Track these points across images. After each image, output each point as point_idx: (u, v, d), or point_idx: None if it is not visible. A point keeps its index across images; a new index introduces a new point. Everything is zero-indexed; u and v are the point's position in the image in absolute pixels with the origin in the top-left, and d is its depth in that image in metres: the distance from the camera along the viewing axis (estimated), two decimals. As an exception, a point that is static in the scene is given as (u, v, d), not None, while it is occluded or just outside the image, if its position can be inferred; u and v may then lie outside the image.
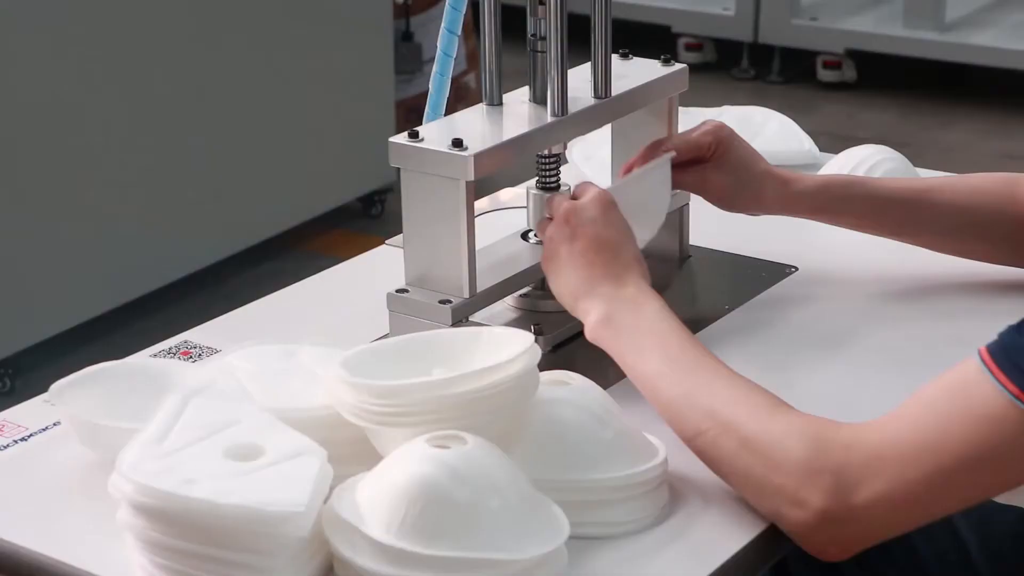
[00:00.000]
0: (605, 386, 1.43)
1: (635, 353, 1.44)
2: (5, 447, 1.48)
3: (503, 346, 1.33)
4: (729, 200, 1.75)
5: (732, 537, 1.33)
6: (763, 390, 1.38)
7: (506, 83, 1.67)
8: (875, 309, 1.74)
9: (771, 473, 1.31)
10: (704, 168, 1.71)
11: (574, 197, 1.57)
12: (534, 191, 1.69)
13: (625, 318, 1.47)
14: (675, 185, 1.70)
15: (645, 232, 1.66)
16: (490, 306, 1.64)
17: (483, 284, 1.59)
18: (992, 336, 1.31)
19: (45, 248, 3.45)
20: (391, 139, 1.57)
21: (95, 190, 3.54)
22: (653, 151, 1.69)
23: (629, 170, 1.70)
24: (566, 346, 1.66)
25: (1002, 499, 1.77)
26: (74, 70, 3.44)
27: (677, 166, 1.70)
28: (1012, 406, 1.26)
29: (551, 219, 1.56)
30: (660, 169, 1.68)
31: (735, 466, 1.34)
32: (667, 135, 1.76)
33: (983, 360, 1.28)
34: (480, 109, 1.67)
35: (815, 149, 2.12)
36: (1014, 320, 1.32)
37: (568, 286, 1.52)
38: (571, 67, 1.66)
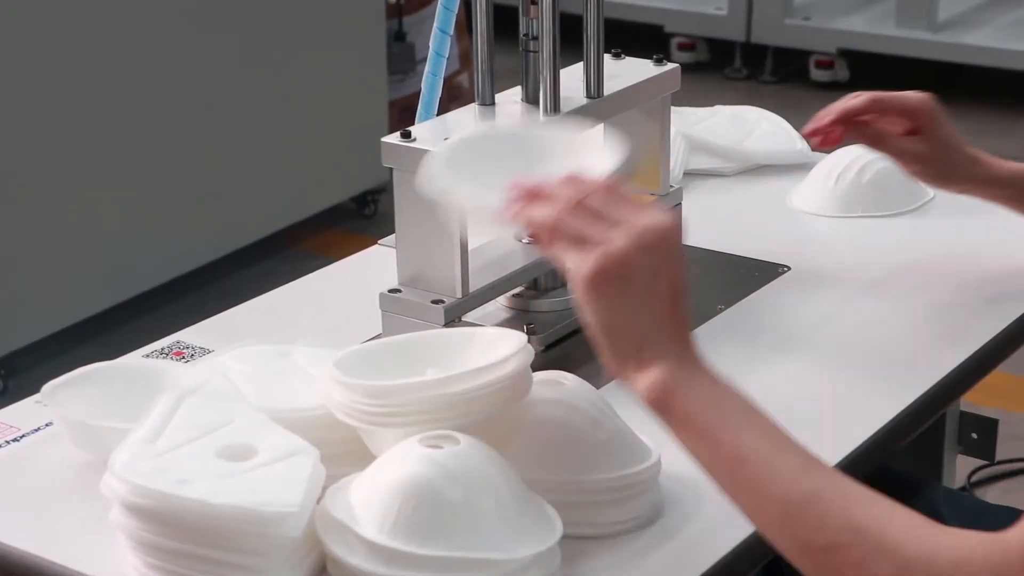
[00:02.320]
0: (598, 386, 1.44)
1: (723, 425, 1.17)
2: (-2, 448, 1.49)
3: (496, 346, 1.33)
4: (927, 175, 1.73)
5: (725, 538, 1.33)
6: (900, 507, 1.13)
7: (498, 83, 1.67)
8: (868, 309, 1.75)
9: None
10: (908, 139, 1.70)
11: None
12: (527, 191, 1.69)
13: (703, 386, 1.19)
14: (880, 145, 1.72)
15: None
16: (483, 306, 1.64)
17: (476, 284, 1.59)
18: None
19: (39, 248, 3.45)
20: (383, 139, 1.57)
21: (89, 190, 3.53)
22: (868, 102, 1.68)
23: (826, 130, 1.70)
24: (559, 346, 1.66)
25: (996, 498, 1.77)
26: (70, 70, 3.44)
27: (885, 131, 1.71)
28: None
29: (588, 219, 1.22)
30: None
31: None
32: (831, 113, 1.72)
33: None
34: (473, 109, 1.67)
35: (807, 148, 2.12)
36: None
37: (631, 329, 1.20)
38: (563, 67, 1.66)
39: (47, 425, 1.51)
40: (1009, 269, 1.79)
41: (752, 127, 2.13)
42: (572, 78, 1.69)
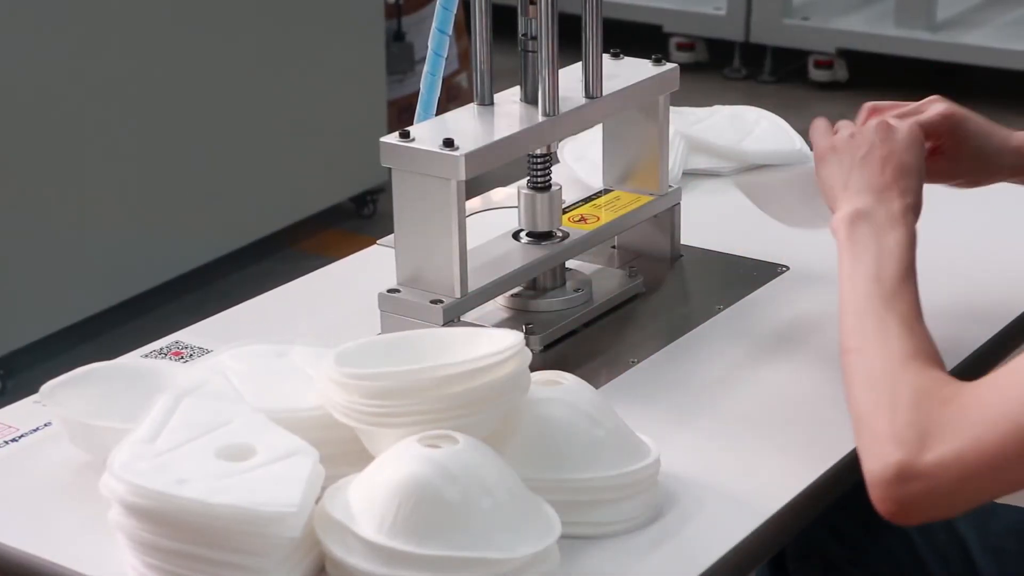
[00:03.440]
0: (597, 386, 1.43)
1: (854, 259, 1.43)
2: (-4, 448, 1.49)
3: (494, 346, 1.33)
4: (969, 182, 1.70)
5: (724, 537, 1.33)
6: (927, 340, 1.36)
7: (497, 83, 1.67)
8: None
9: (874, 412, 1.29)
10: (939, 159, 1.65)
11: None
12: (525, 191, 1.70)
13: (873, 226, 1.45)
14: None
15: (812, 220, 1.67)
16: (481, 306, 1.64)
17: (474, 284, 1.59)
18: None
19: (37, 248, 3.45)
20: (382, 139, 1.57)
21: (89, 190, 3.53)
22: (885, 114, 1.63)
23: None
24: (558, 346, 1.66)
25: (1001, 500, 1.77)
26: (69, 70, 3.44)
27: None
28: None
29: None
30: None
31: (854, 393, 1.33)
32: (882, 107, 1.67)
33: None
34: (471, 109, 1.67)
35: (806, 148, 2.11)
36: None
37: (844, 177, 1.51)
38: (562, 67, 1.66)
39: (46, 425, 1.51)
40: (1009, 268, 1.79)
41: (751, 127, 2.13)
42: (571, 78, 1.69)
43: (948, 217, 1.83)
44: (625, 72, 1.75)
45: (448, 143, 1.54)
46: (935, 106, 1.64)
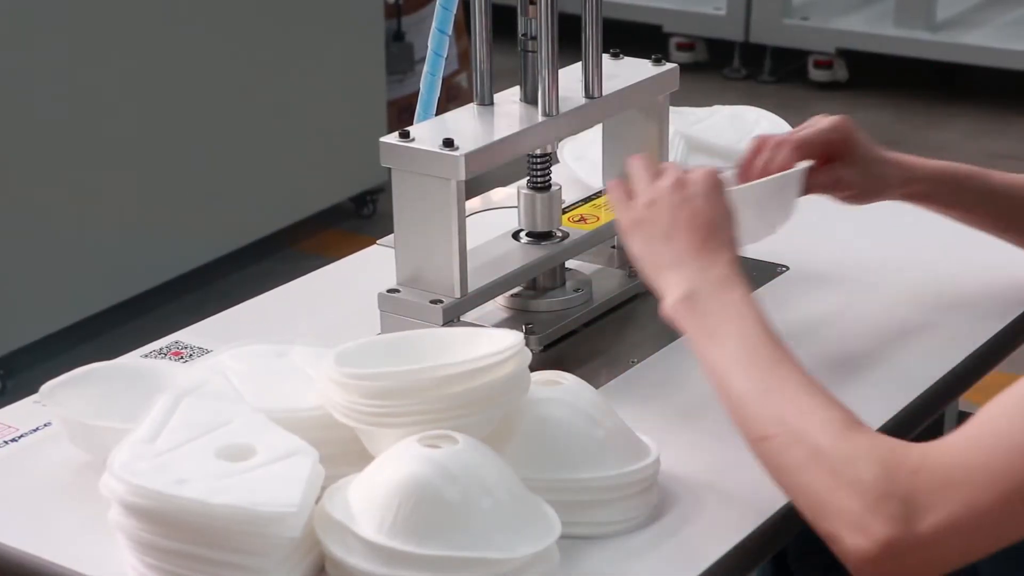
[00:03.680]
0: (597, 386, 1.43)
1: (711, 338, 1.38)
2: (-4, 448, 1.49)
3: (494, 346, 1.33)
4: (859, 196, 1.69)
5: (723, 538, 1.33)
6: (839, 404, 1.31)
7: (497, 83, 1.67)
8: (865, 308, 1.75)
9: (836, 492, 1.24)
10: (835, 167, 1.65)
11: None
12: (525, 191, 1.70)
13: (709, 300, 1.40)
14: (809, 189, 1.65)
15: (755, 236, 1.63)
16: (481, 306, 1.64)
17: (474, 284, 1.59)
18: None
19: (37, 248, 3.45)
20: (382, 139, 1.57)
21: (89, 190, 3.53)
22: (768, 146, 1.63)
23: (747, 168, 1.63)
24: (557, 346, 1.66)
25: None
26: (69, 70, 3.44)
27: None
28: None
29: (631, 188, 1.51)
30: (795, 179, 1.62)
31: (799, 479, 1.27)
32: (792, 132, 1.67)
33: None
34: (471, 109, 1.67)
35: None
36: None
37: (656, 255, 1.45)
38: (562, 67, 1.66)
39: (46, 425, 1.51)
40: (1009, 269, 1.79)
41: (751, 127, 2.13)
42: (571, 78, 1.69)
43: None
44: (625, 72, 1.75)
45: (448, 143, 1.54)
46: (824, 120, 1.65)
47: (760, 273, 1.82)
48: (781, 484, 1.31)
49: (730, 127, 2.12)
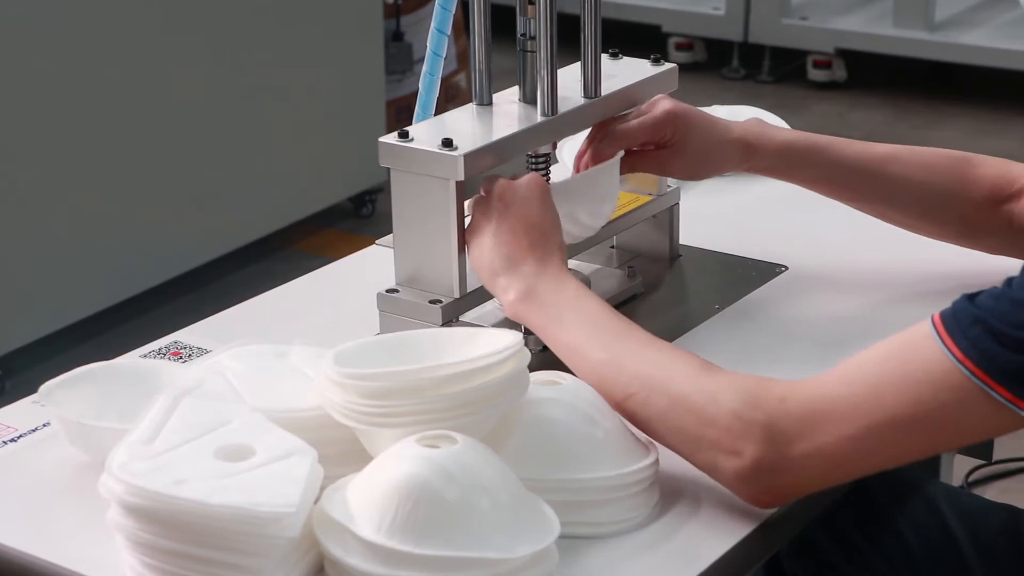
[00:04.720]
0: (595, 386, 1.43)
1: (558, 324, 1.46)
2: (-5, 448, 1.49)
3: (493, 346, 1.33)
4: (692, 175, 1.76)
5: (722, 538, 1.33)
6: (692, 353, 1.40)
7: (496, 83, 1.67)
8: (865, 308, 1.75)
9: (705, 427, 1.33)
10: (663, 154, 1.71)
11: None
12: (524, 191, 1.69)
13: (547, 293, 1.48)
14: (634, 170, 1.71)
15: (586, 229, 1.68)
16: (480, 306, 1.64)
17: (473, 284, 1.59)
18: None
19: (36, 249, 3.44)
20: (381, 139, 1.57)
21: (86, 191, 3.53)
22: (603, 132, 1.68)
23: (582, 156, 1.70)
24: (556, 346, 1.65)
25: (994, 499, 1.77)
26: (66, 70, 3.44)
27: (635, 153, 1.70)
28: (954, 369, 1.27)
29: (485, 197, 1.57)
30: (610, 169, 1.68)
31: (668, 424, 1.36)
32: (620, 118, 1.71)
33: (934, 324, 1.30)
34: (470, 109, 1.67)
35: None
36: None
37: (489, 260, 1.52)
38: (561, 67, 1.66)
39: (44, 425, 1.51)
40: (1009, 268, 1.79)
41: (750, 127, 2.13)
42: (570, 78, 1.69)
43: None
44: (624, 72, 1.75)
45: (447, 143, 1.54)
46: (660, 104, 1.70)
47: (760, 273, 1.82)
48: (654, 433, 1.38)
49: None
